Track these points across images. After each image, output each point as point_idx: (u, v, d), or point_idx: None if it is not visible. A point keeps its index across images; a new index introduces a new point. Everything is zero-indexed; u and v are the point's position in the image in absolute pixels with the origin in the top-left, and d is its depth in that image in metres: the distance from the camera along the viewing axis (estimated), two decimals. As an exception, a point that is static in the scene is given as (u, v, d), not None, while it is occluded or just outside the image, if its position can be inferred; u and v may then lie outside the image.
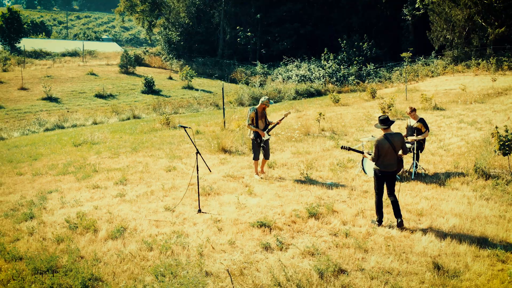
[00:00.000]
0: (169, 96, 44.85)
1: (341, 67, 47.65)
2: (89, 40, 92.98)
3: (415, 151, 13.13)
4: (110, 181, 13.82)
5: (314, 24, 57.53)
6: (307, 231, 9.54)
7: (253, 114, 13.34)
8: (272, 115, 26.82)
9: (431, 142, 17.16)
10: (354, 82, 44.90)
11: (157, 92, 46.00)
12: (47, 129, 29.68)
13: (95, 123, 31.93)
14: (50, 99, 39.75)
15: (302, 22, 57.15)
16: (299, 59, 51.51)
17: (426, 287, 7.36)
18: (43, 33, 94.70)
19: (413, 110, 13.64)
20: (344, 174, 13.55)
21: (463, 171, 13.06)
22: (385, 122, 9.43)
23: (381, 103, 24.08)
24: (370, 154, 9.97)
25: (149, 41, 75.06)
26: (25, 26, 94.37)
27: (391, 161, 9.41)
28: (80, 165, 16.25)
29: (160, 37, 64.32)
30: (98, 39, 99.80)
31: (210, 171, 12.16)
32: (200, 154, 10.99)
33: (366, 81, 45.23)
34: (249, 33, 58.13)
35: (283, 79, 49.52)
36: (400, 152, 9.57)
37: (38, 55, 64.18)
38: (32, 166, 17.01)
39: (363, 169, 13.41)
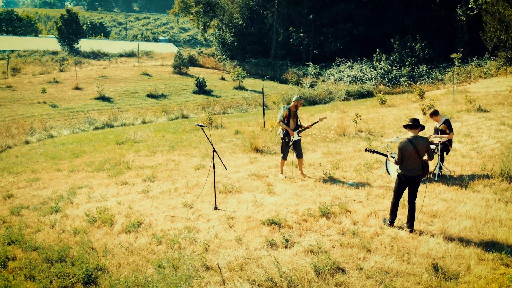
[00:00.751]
0: (220, 97, 45.36)
1: (393, 68, 47.05)
2: (146, 41, 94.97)
3: (439, 153, 12.96)
4: (139, 178, 14.27)
5: (367, 25, 56.94)
6: (316, 230, 9.61)
7: (286, 113, 13.48)
8: (317, 116, 26.86)
9: (465, 144, 16.82)
10: (406, 83, 44.27)
11: (208, 93, 46.58)
12: (96, 128, 30.55)
13: (144, 122, 32.65)
14: (102, 98, 40.89)
15: (355, 22, 56.71)
16: (351, 59, 51.18)
17: (420, 287, 7.34)
18: (102, 34, 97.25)
19: (433, 113, 13.44)
20: (368, 175, 13.50)
21: (489, 174, 12.79)
22: (413, 125, 9.35)
23: (421, 104, 23.74)
24: (393, 157, 9.87)
25: (204, 42, 75.83)
26: (84, 27, 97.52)
27: (415, 165, 9.24)
28: (116, 163, 16.79)
29: (214, 38, 65.08)
30: (155, 40, 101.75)
31: (226, 169, 12.32)
32: (216, 152, 11.21)
33: (418, 82, 44.50)
34: (301, 34, 58.12)
35: (335, 80, 49.31)
36: (425, 157, 9.45)
37: (96, 55, 65.99)
38: (71, 162, 17.68)
39: (387, 170, 13.33)
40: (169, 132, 24.61)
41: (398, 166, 9.40)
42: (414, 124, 9.33)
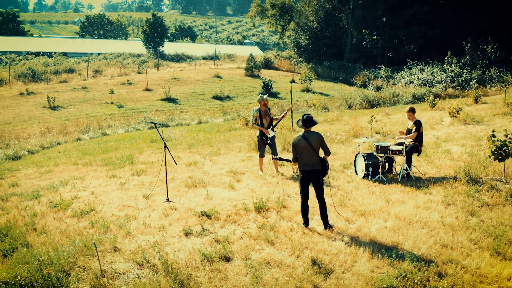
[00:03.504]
0: (285, 99, 45.80)
1: (464, 71, 45.71)
2: (231, 44, 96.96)
3: (404, 154, 12.90)
4: (130, 172, 15.11)
5: (441, 27, 55.38)
6: (240, 222, 10.05)
7: (256, 115, 13.94)
8: (362, 118, 26.78)
9: (469, 146, 16.43)
10: (475, 87, 42.90)
11: (274, 95, 47.13)
12: (151, 127, 31.84)
13: (200, 123, 33.68)
14: (168, 99, 42.44)
15: (429, 24, 55.26)
16: (423, 62, 50.11)
17: (287, 280, 7.61)
18: (188, 37, 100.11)
19: (411, 109, 13.40)
20: (339, 175, 13.64)
21: (457, 176, 12.58)
22: (305, 122, 9.59)
23: (449, 107, 23.19)
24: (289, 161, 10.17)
25: (281, 45, 76.58)
26: (173, 30, 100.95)
27: (311, 160, 9.45)
28: (126, 158, 17.74)
29: (290, 41, 65.62)
30: (240, 43, 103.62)
31: (176, 164, 13.00)
32: (167, 148, 11.84)
33: (488, 86, 42.99)
34: (374, 37, 57.51)
35: (405, 83, 48.49)
36: (322, 154, 9.66)
37: (179, 58, 68.22)
38: (95, 158, 18.82)
39: (355, 170, 13.44)
40: (205, 131, 25.47)
41: (296, 163, 9.69)
42: (305, 120, 9.60)
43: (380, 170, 12.98)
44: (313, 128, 9.75)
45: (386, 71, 52.40)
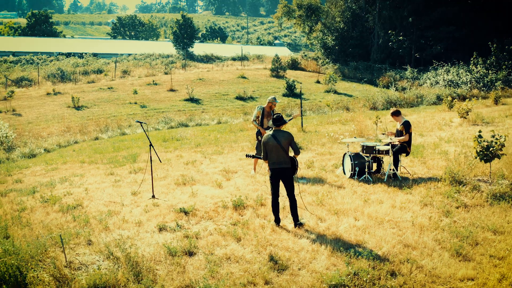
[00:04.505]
0: (308, 99, 45.87)
1: (489, 72, 45.15)
2: (261, 45, 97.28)
3: (390, 154, 12.97)
4: (127, 170, 15.50)
5: (469, 27, 54.73)
6: (216, 219, 10.30)
7: (259, 113, 14.15)
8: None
9: (471, 147, 16.40)
10: (500, 88, 42.34)
11: (298, 95, 47.20)
12: (171, 127, 32.35)
13: (219, 123, 33.98)
14: (191, 100, 42.91)
15: (457, 25, 54.66)
16: (449, 63, 49.63)
17: (242, 274, 7.82)
18: (218, 38, 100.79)
19: (394, 113, 13.42)
20: (328, 174, 13.78)
21: (442, 177, 12.59)
22: (275, 121, 9.81)
23: (458, 107, 23.05)
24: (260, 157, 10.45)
25: (309, 46, 76.55)
26: (204, 31, 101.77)
27: (280, 158, 9.64)
28: (130, 157, 18.15)
29: (316, 41, 65.60)
30: (270, 43, 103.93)
31: (160, 162, 13.39)
32: (153, 147, 12.17)
33: (514, 87, 42.41)
34: (401, 37, 57.12)
35: (431, 84, 48.12)
36: (292, 153, 9.86)
37: (208, 59, 68.76)
38: (103, 156, 19.29)
39: (343, 169, 13.57)
40: (219, 132, 25.77)
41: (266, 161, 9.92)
42: (275, 119, 9.84)
43: (366, 170, 13.07)
44: (285, 128, 9.98)
45: (412, 72, 52.02)
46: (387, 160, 14.15)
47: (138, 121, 12.28)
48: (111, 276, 7.56)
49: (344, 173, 13.44)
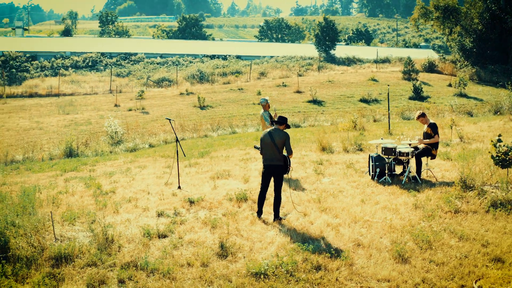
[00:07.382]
0: (434, 103, 44.67)
1: None
2: (407, 47, 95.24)
3: (411, 156, 13.00)
4: (183, 164, 16.83)
5: None
6: (214, 209, 11.26)
7: (267, 116, 15.14)
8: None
9: None
10: None
11: (424, 98, 46.23)
12: (257, 130, 33.19)
13: (332, 124, 34.39)
14: (314, 101, 43.64)
15: None
16: None
17: (189, 257, 8.69)
18: (362, 41, 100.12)
19: (420, 115, 13.47)
20: (357, 174, 14.00)
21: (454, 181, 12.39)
22: (277, 121, 10.58)
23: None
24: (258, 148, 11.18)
25: (448, 49, 73.87)
26: (350, 33, 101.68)
27: (272, 155, 10.25)
28: (201, 153, 19.58)
29: (454, 43, 63.34)
30: (416, 46, 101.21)
31: (185, 155, 14.70)
32: (178, 142, 13.43)
33: None
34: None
35: None
36: (284, 152, 10.56)
37: (350, 61, 68.95)
38: (189, 152, 20.64)
39: (369, 170, 13.80)
40: (312, 133, 26.35)
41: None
42: (279, 121, 10.50)
43: (386, 171, 13.30)
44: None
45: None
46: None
47: (167, 118, 13.63)
48: (81, 247, 8.92)
49: (370, 174, 13.74)
